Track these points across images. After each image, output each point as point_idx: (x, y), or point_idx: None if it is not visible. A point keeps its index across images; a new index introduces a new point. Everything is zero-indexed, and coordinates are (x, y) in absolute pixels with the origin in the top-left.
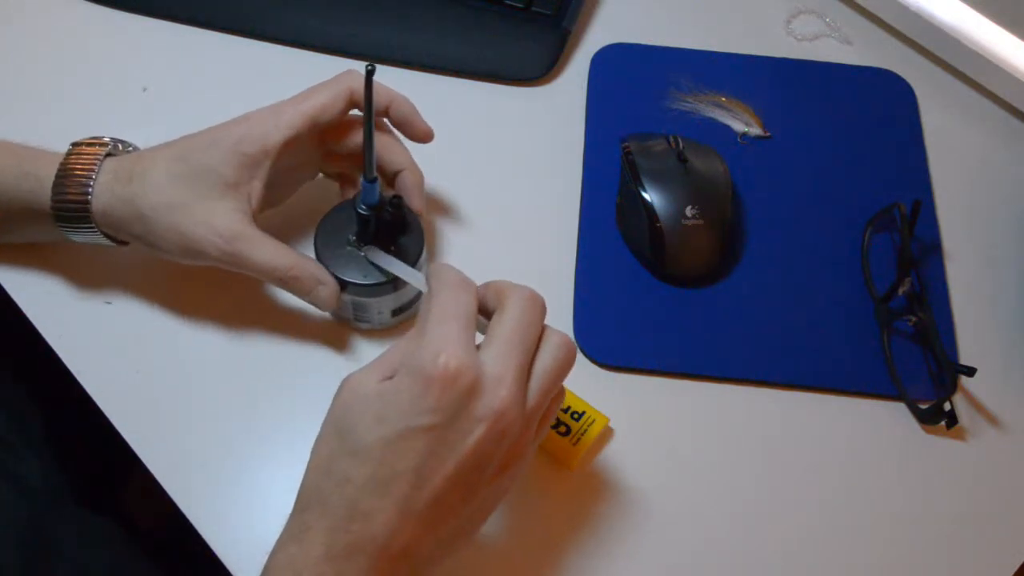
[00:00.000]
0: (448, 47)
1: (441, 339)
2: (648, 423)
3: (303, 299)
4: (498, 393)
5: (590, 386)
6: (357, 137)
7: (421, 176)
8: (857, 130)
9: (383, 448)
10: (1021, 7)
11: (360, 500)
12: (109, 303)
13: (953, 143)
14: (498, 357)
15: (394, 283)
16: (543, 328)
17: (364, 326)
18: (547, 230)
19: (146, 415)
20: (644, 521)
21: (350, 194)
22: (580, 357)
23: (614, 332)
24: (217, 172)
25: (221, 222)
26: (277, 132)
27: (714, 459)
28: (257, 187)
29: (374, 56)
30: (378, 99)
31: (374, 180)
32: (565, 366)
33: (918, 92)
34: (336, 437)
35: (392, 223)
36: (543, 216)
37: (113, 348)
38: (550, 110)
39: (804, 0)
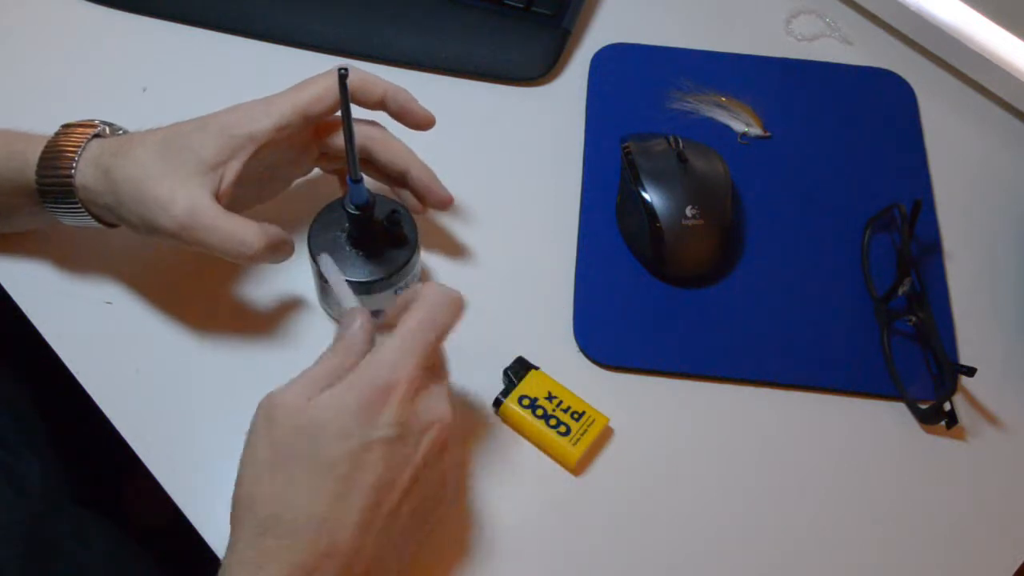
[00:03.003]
0: (448, 47)
1: (405, 352)
2: (648, 423)
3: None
4: (442, 404)
5: (590, 386)
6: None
7: (430, 171)
8: (857, 130)
9: (349, 462)
10: (1021, 7)
11: (327, 518)
12: (109, 303)
13: (953, 143)
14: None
15: (393, 277)
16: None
17: None
18: (547, 230)
19: (146, 415)
20: (644, 521)
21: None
22: (580, 357)
23: (614, 332)
24: (197, 152)
25: (183, 195)
26: (267, 119)
27: (714, 459)
28: (234, 167)
29: (374, 56)
30: (372, 91)
31: (359, 180)
32: (437, 320)
33: (918, 92)
34: (292, 460)
35: (389, 235)
36: (543, 216)
37: (113, 348)
38: (550, 110)
39: (804, 0)
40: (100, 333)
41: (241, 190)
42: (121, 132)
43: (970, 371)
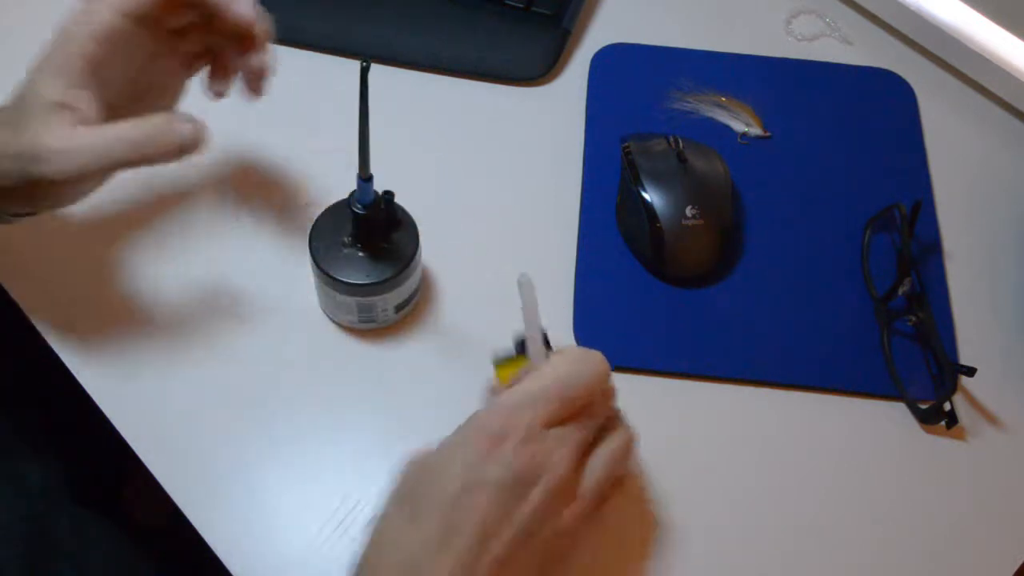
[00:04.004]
0: (448, 47)
1: (519, 405)
2: (648, 423)
3: (169, 158)
4: (560, 460)
5: None
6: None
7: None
8: (857, 130)
9: (452, 497)
10: (1021, 7)
11: (425, 557)
12: (109, 304)
13: (953, 143)
14: (561, 434)
15: (395, 277)
16: (613, 418)
17: (369, 326)
18: (547, 230)
19: (146, 415)
20: (643, 521)
21: (219, 80)
22: None
23: (614, 332)
24: (39, 96)
25: (49, 137)
26: (88, 31)
27: (714, 459)
28: (80, 95)
29: (374, 56)
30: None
31: (369, 178)
32: (622, 459)
33: (918, 92)
34: (397, 506)
35: (386, 220)
36: (543, 216)
37: (113, 348)
38: (550, 110)
39: (804, 0)
40: (100, 333)
41: (114, 110)
42: None
43: (970, 371)
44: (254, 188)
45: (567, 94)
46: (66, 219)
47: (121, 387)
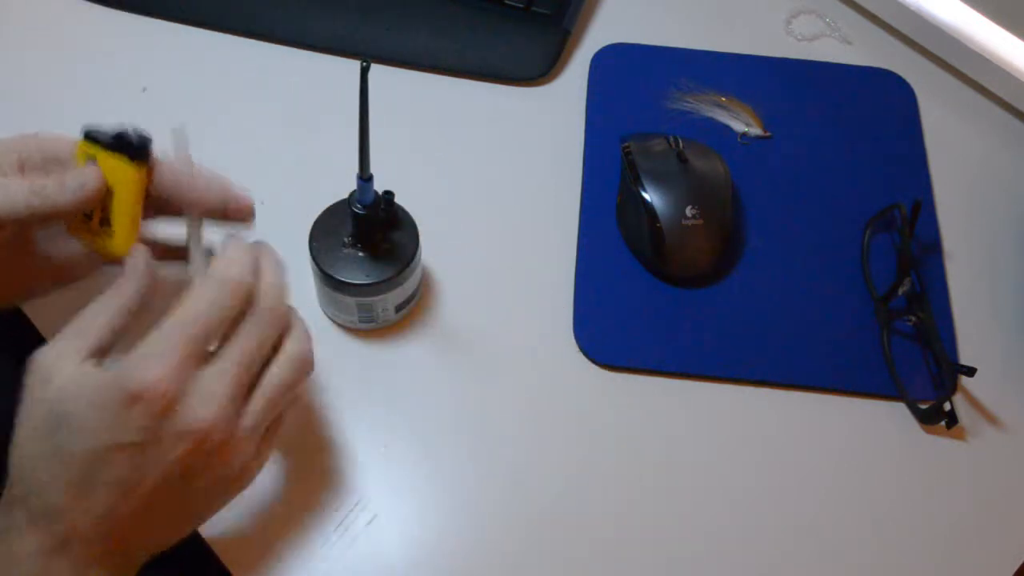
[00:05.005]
0: (448, 47)
1: (160, 351)
2: (648, 423)
3: (68, 206)
4: (204, 412)
5: (590, 386)
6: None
7: (221, 185)
8: (857, 130)
9: (88, 458)
10: (1021, 7)
11: (60, 503)
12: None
13: (953, 143)
14: (215, 372)
15: (395, 277)
16: (285, 326)
17: (369, 326)
18: (547, 230)
19: None
20: (643, 521)
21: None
22: (580, 357)
23: (614, 332)
24: None
25: None
26: None
27: (714, 459)
28: None
29: (374, 56)
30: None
31: (369, 178)
32: (295, 382)
33: (918, 92)
34: (47, 433)
35: (386, 220)
36: (543, 216)
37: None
38: (550, 110)
39: (804, 0)
40: None
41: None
42: None
43: (970, 371)
44: (254, 188)
45: (567, 94)
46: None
47: None
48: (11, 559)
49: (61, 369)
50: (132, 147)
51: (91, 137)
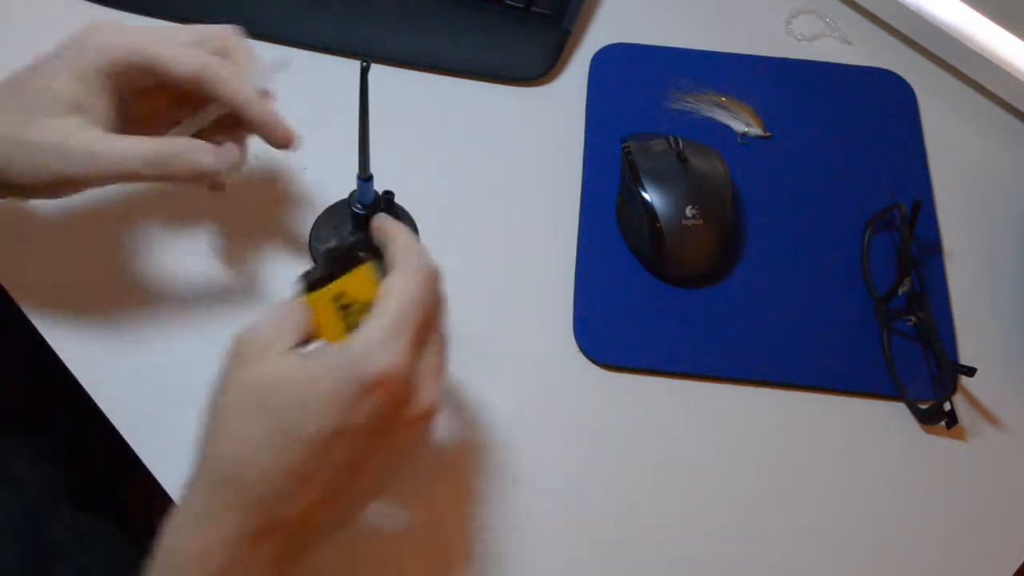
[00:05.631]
0: (448, 47)
1: (391, 343)
2: (648, 423)
3: (194, 181)
4: (430, 397)
5: (590, 386)
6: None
7: (270, 112)
8: (857, 130)
9: (321, 441)
10: (1021, 7)
11: (286, 486)
12: (108, 303)
13: (953, 143)
14: (431, 356)
15: None
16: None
17: None
18: (547, 230)
19: (146, 415)
20: (643, 521)
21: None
22: (580, 357)
23: (614, 332)
24: (51, 90)
25: (74, 129)
26: (106, 58)
27: (714, 459)
28: (101, 103)
29: (374, 56)
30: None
31: (369, 178)
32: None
33: (918, 92)
34: (267, 416)
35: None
36: (543, 216)
37: (113, 348)
38: (550, 110)
39: (804, 0)
40: (100, 333)
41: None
42: None
43: (970, 371)
44: (254, 188)
45: (567, 94)
46: (64, 214)
47: (121, 387)
48: (218, 544)
49: (269, 355)
50: (345, 256)
51: (313, 283)
